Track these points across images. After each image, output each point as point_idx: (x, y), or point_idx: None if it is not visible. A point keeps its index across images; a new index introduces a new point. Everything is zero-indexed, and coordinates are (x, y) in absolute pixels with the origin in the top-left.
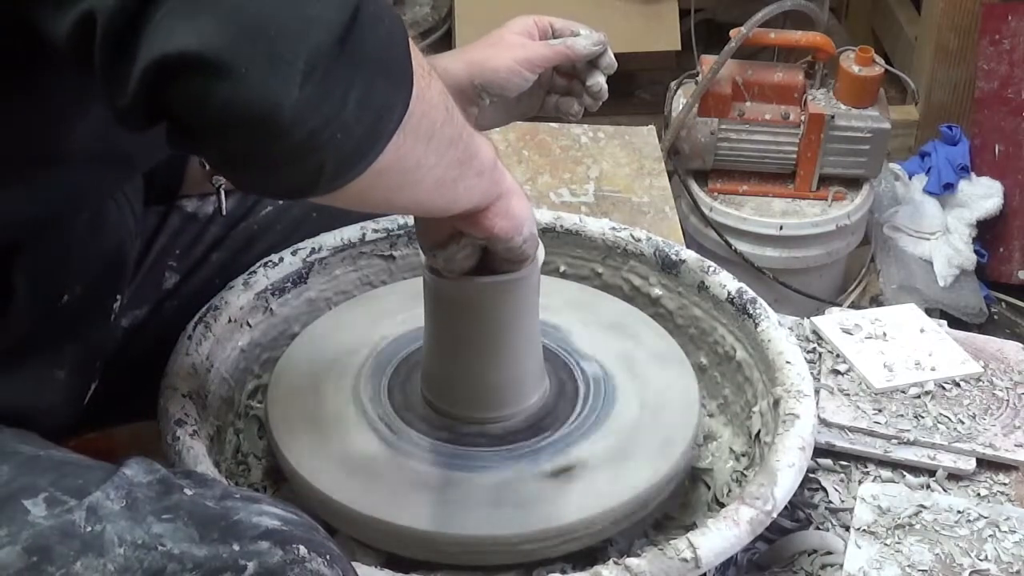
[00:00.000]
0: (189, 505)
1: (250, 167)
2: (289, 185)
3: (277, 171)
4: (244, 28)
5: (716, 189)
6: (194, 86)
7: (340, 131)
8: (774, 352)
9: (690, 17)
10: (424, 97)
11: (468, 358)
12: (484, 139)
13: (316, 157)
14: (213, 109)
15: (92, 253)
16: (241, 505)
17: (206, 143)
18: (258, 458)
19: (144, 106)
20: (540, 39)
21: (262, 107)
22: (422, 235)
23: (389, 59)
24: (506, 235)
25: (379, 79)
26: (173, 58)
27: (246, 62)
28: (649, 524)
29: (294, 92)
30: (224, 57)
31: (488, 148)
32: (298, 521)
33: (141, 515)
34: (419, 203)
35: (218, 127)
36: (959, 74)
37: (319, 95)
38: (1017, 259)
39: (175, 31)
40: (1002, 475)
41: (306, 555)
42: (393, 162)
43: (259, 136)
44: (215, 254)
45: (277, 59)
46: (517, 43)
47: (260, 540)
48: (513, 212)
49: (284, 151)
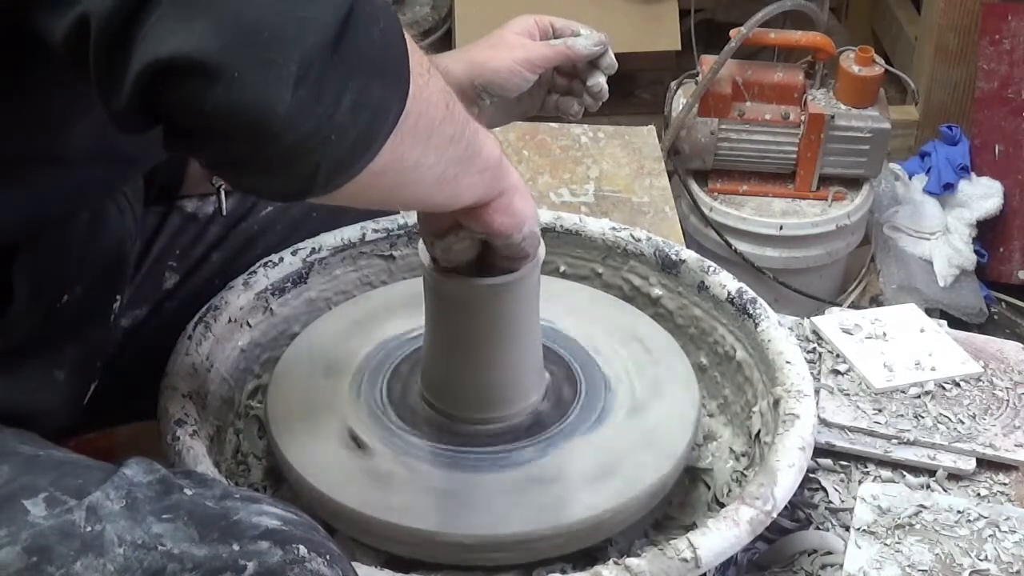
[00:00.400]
0: (189, 505)
1: (245, 170)
2: (285, 187)
3: (272, 174)
4: (237, 32)
5: (716, 189)
6: (187, 90)
7: (334, 133)
8: (774, 352)
9: (690, 17)
10: (421, 96)
11: (468, 358)
12: (489, 135)
13: (311, 159)
14: (206, 113)
15: (92, 253)
16: (241, 505)
17: (201, 146)
18: (258, 458)
19: (139, 109)
20: (541, 39)
21: (255, 111)
22: (423, 223)
23: (384, 60)
24: (506, 232)
25: (374, 80)
26: (166, 62)
27: (239, 66)
28: (649, 524)
29: (287, 95)
30: (217, 61)
31: (492, 144)
32: (298, 521)
33: (141, 515)
34: (419, 200)
35: (212, 131)
36: (959, 74)
37: (312, 98)
38: (1017, 259)
39: (168, 35)
40: (1002, 475)
41: (306, 555)
42: (390, 162)
43: (253, 139)
44: (215, 254)
45: (270, 62)
46: (517, 43)
47: (260, 540)
48: (515, 209)
49: (278, 154)
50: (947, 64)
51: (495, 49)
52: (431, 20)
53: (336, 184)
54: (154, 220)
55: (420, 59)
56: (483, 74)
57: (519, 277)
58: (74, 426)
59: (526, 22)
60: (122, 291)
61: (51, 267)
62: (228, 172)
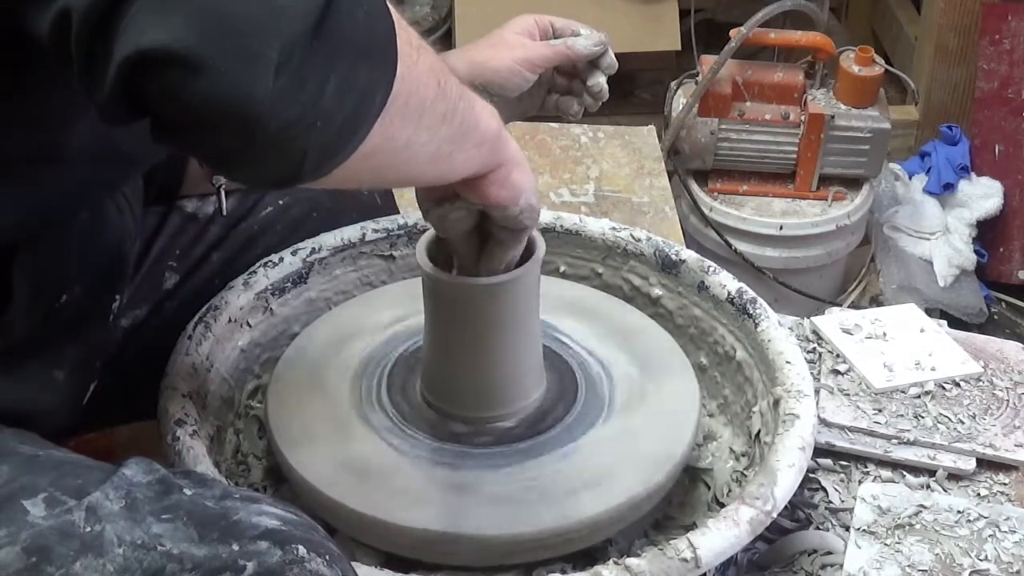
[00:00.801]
0: (188, 505)
1: (232, 159)
2: (273, 174)
3: (259, 162)
4: (214, 22)
5: (716, 189)
6: (167, 81)
7: (320, 119)
8: (774, 352)
9: (690, 17)
10: (411, 76)
11: (468, 358)
12: (487, 107)
13: (296, 146)
14: (188, 104)
15: (91, 254)
16: (240, 505)
17: (186, 137)
18: (258, 458)
19: (122, 101)
20: (540, 39)
21: (234, 100)
22: (419, 190)
23: (370, 42)
24: (503, 203)
25: (360, 63)
26: (145, 53)
27: (217, 56)
28: (649, 524)
29: (267, 84)
30: (195, 52)
31: (490, 117)
32: (297, 521)
33: (140, 515)
34: (414, 178)
35: (195, 121)
36: (959, 74)
37: (294, 84)
38: (1017, 259)
39: (147, 27)
40: (1002, 475)
41: (305, 555)
42: (381, 144)
43: (235, 128)
44: (215, 254)
45: (248, 51)
46: (517, 43)
47: (259, 540)
48: (512, 182)
49: (263, 142)
50: (947, 64)
51: (495, 49)
52: (431, 20)
53: (326, 169)
54: (154, 220)
55: (408, 37)
56: (483, 74)
57: (518, 277)
58: (74, 426)
59: (526, 22)
60: (122, 291)
61: (51, 267)
62: (215, 162)
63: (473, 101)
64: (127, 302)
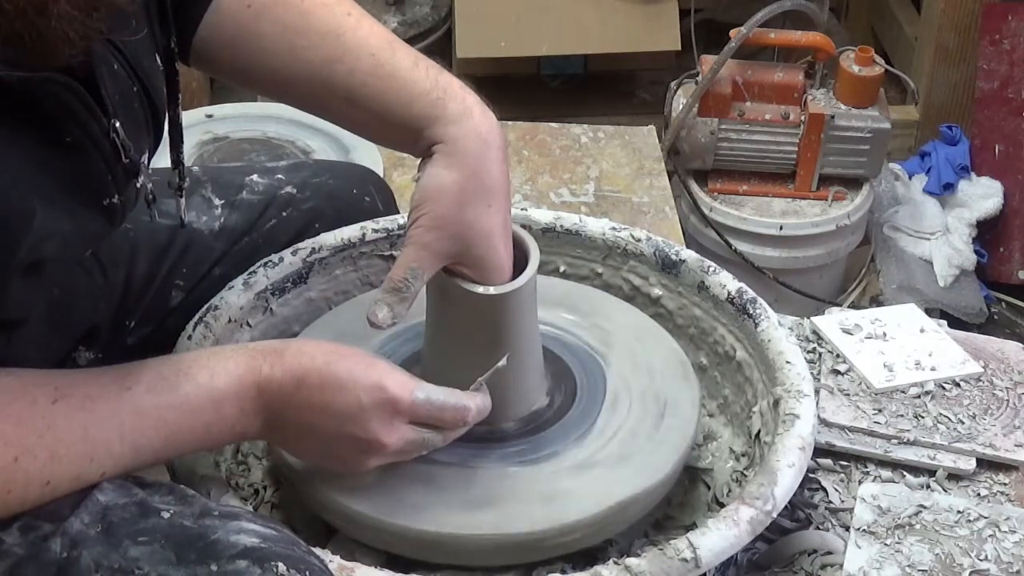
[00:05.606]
0: (166, 527)
1: None
2: None
3: None
4: None
5: (716, 189)
6: None
7: None
8: (774, 352)
9: (690, 17)
10: None
11: (467, 363)
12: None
13: None
14: None
15: (62, 329)
16: (219, 523)
17: None
18: (258, 458)
19: None
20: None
21: None
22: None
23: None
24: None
25: None
26: None
27: None
28: (649, 524)
29: None
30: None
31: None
32: (277, 537)
33: (117, 539)
34: None
35: None
36: (959, 74)
37: None
38: (1017, 259)
39: None
40: (1002, 475)
41: (284, 572)
42: None
43: None
44: (217, 269)
45: None
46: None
47: (238, 559)
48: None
49: None
50: (947, 64)
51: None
52: (431, 20)
53: None
54: (163, 237)
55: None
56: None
57: (517, 286)
58: None
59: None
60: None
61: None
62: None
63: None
64: (135, 323)
